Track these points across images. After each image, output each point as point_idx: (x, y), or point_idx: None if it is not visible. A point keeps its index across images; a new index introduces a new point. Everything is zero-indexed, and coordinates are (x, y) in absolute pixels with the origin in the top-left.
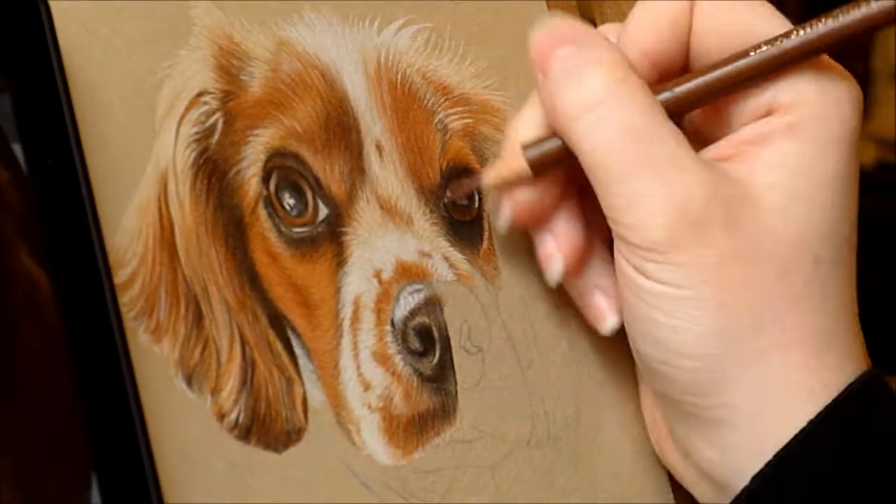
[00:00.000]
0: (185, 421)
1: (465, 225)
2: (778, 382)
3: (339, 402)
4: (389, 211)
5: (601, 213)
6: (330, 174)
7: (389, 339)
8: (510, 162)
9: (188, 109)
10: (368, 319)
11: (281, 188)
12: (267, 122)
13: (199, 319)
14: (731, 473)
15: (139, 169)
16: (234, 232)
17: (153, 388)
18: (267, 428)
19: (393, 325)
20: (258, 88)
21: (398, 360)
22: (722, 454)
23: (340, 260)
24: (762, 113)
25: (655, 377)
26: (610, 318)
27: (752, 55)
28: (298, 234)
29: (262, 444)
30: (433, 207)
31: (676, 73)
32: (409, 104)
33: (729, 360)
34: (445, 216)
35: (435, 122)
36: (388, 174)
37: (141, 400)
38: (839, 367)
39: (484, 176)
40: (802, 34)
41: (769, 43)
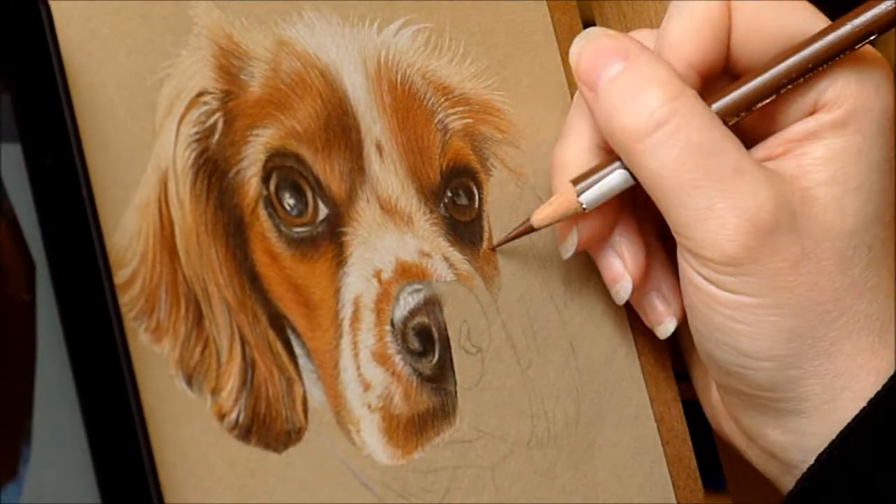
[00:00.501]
0: (185, 421)
1: (465, 225)
2: (848, 369)
3: (338, 401)
4: (389, 211)
5: (654, 216)
6: (330, 174)
7: (389, 339)
8: (563, 202)
9: (188, 109)
10: (368, 319)
11: (281, 188)
12: (267, 122)
13: (199, 319)
14: (801, 458)
15: (139, 169)
16: (234, 232)
17: (153, 388)
18: (267, 428)
19: (393, 325)
20: (258, 88)
21: (398, 360)
22: (794, 440)
23: (340, 260)
24: (809, 110)
25: (728, 376)
26: (668, 322)
27: (800, 54)
28: (298, 233)
29: (262, 444)
30: (433, 207)
31: (717, 75)
32: (409, 104)
33: (804, 356)
34: (445, 216)
35: (435, 122)
36: (388, 174)
37: (141, 400)
38: None
39: (534, 217)
40: (847, 27)
41: (814, 40)
